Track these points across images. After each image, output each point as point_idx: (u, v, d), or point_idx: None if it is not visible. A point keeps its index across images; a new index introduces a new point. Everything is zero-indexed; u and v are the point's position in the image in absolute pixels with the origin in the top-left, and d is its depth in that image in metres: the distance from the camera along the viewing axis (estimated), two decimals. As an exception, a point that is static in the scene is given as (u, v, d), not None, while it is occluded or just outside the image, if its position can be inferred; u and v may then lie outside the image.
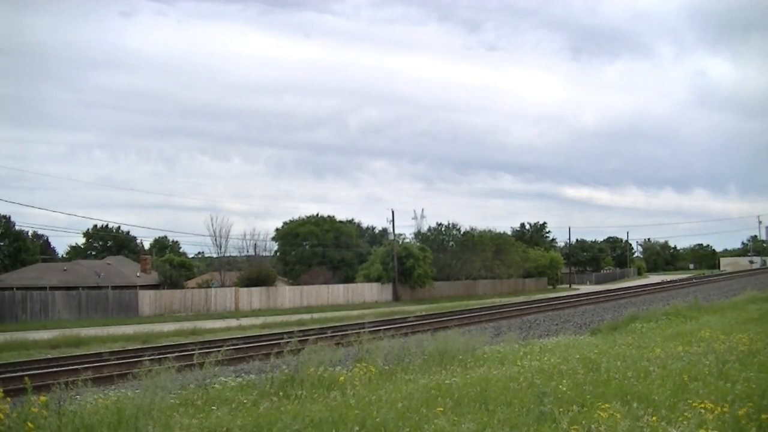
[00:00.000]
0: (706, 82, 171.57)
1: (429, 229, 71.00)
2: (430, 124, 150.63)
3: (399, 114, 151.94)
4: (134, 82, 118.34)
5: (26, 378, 7.04)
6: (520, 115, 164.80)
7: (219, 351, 10.60)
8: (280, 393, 8.07)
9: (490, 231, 70.82)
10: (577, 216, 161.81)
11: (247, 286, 49.19)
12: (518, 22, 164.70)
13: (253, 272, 52.36)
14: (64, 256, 74.09)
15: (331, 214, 70.05)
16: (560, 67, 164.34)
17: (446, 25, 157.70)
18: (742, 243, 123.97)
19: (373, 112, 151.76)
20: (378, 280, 55.83)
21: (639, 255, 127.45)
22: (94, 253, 72.26)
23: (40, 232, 71.74)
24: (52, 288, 43.02)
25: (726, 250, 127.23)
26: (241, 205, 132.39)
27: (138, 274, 53.82)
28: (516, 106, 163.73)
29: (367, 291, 54.79)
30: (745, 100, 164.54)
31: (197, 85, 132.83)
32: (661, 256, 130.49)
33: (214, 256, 64.08)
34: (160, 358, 12.36)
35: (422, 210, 73.44)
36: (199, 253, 78.00)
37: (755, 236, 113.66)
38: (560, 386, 7.57)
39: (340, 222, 70.56)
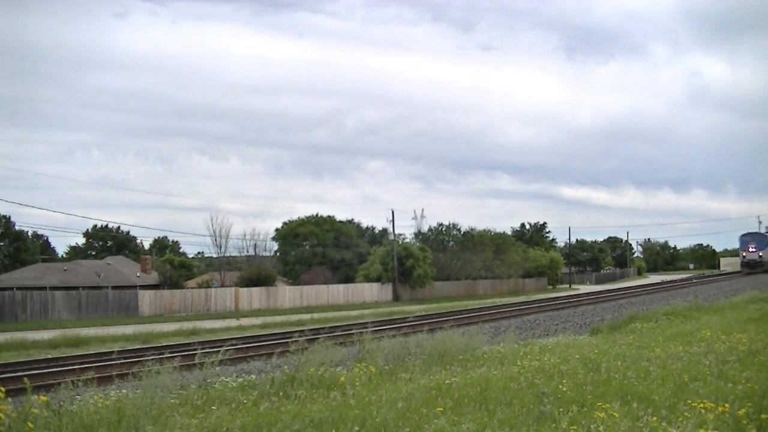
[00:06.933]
0: (701, 82, 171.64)
1: (429, 229, 71.10)
2: (427, 124, 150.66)
3: (395, 114, 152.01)
4: (130, 82, 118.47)
5: (26, 378, 7.04)
6: (516, 116, 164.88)
7: (219, 351, 10.57)
8: (281, 393, 8.05)
9: (489, 231, 70.87)
10: (575, 216, 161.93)
11: (247, 286, 49.23)
12: (512, 22, 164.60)
13: (253, 272, 52.43)
14: (64, 256, 74.19)
15: (330, 214, 70.10)
16: (555, 68, 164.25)
17: (440, 25, 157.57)
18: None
19: (370, 113, 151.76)
20: (378, 280, 55.80)
21: (639, 255, 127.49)
22: (94, 253, 72.32)
23: (39, 232, 71.94)
24: (52, 288, 43.06)
25: (726, 250, 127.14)
26: (238, 205, 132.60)
27: (138, 274, 53.88)
28: (512, 107, 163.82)
29: (367, 291, 54.77)
30: (741, 101, 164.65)
31: (193, 85, 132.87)
32: (660, 256, 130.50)
33: (214, 256, 64.28)
34: (160, 358, 12.35)
35: (422, 210, 73.64)
36: (199, 253, 78.28)
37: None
38: (560, 386, 7.57)
39: (340, 222, 70.39)
